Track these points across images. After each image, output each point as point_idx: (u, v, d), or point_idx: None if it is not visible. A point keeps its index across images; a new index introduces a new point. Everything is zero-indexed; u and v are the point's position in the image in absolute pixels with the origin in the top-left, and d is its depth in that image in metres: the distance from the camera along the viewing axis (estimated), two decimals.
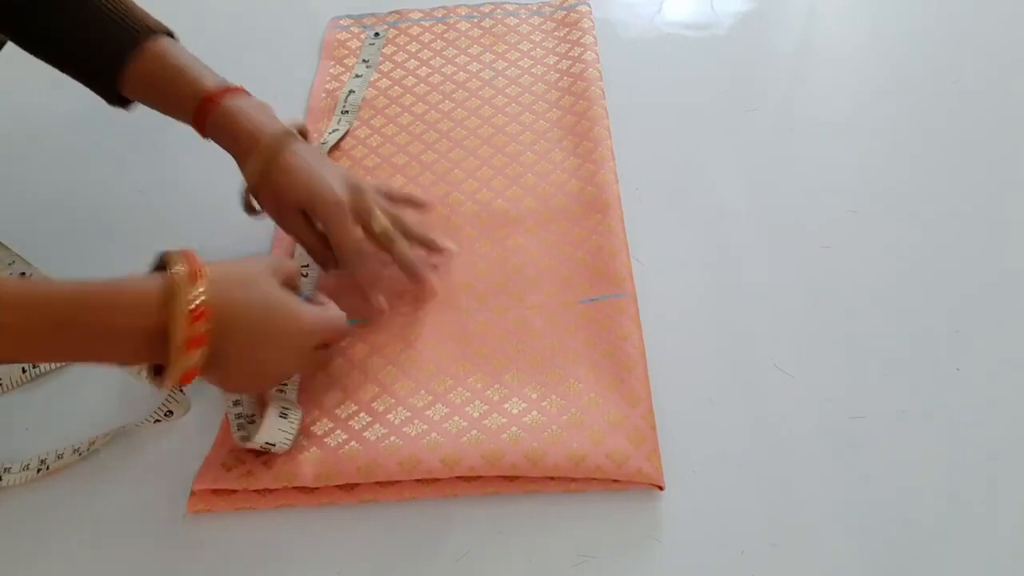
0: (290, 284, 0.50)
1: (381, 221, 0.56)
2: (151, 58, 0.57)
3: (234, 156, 0.57)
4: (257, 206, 0.59)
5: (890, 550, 0.46)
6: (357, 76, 0.76)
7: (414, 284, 0.58)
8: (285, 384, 0.52)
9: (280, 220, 0.58)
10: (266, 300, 0.47)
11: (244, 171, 0.56)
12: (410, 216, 0.60)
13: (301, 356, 0.50)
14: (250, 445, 0.49)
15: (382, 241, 0.57)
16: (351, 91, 0.74)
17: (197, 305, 0.42)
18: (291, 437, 0.50)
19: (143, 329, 0.42)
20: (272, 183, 0.55)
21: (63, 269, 0.63)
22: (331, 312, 0.51)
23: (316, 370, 0.54)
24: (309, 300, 0.51)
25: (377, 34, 0.76)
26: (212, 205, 0.68)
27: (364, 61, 0.77)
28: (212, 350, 0.43)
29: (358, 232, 0.56)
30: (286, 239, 0.64)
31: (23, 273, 0.62)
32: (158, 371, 0.45)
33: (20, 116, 0.79)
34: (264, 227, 0.65)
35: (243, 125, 0.56)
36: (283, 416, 0.50)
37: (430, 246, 0.60)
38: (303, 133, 0.59)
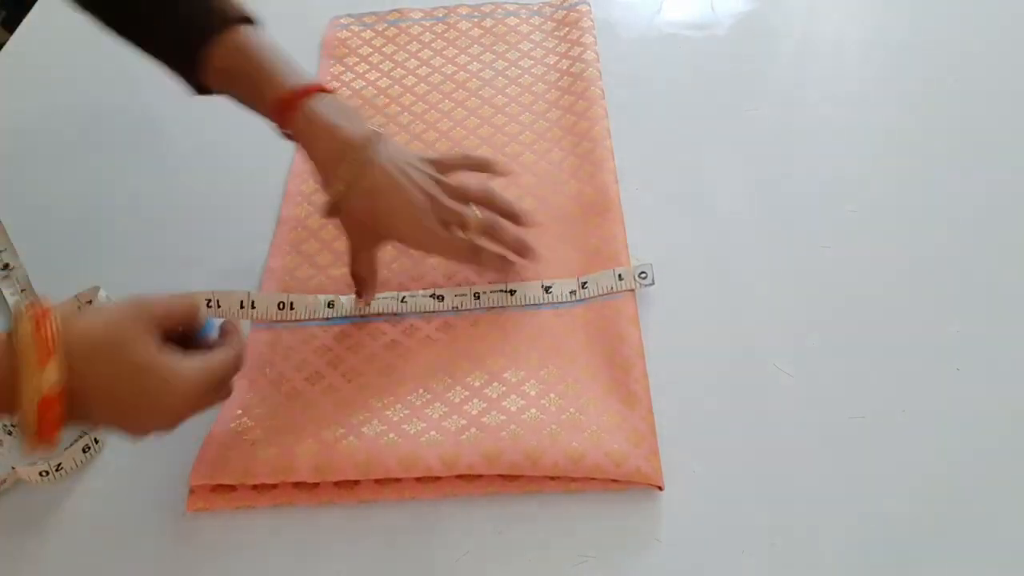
0: (173, 329, 0.45)
1: (473, 220, 0.56)
2: (234, 47, 0.54)
3: (316, 165, 0.54)
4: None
5: (890, 550, 0.46)
6: None
7: (526, 259, 0.58)
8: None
9: (356, 243, 0.56)
10: (136, 370, 0.41)
11: (325, 189, 0.54)
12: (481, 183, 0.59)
13: (184, 412, 0.44)
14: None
15: (481, 233, 0.56)
16: None
17: (46, 394, 0.38)
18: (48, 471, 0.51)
19: None
20: (356, 210, 0.54)
21: (58, 268, 0.63)
22: (218, 357, 0.45)
23: (216, 403, 0.48)
24: (206, 340, 0.47)
25: None
26: (210, 207, 0.68)
27: None
28: (78, 418, 0.40)
29: (459, 240, 0.56)
30: (284, 246, 0.64)
31: (7, 264, 0.62)
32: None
33: (20, 115, 0.79)
34: (263, 229, 0.65)
35: (320, 135, 0.53)
36: (85, 451, 0.52)
37: (516, 217, 0.59)
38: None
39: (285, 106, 0.53)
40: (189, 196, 0.69)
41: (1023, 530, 0.46)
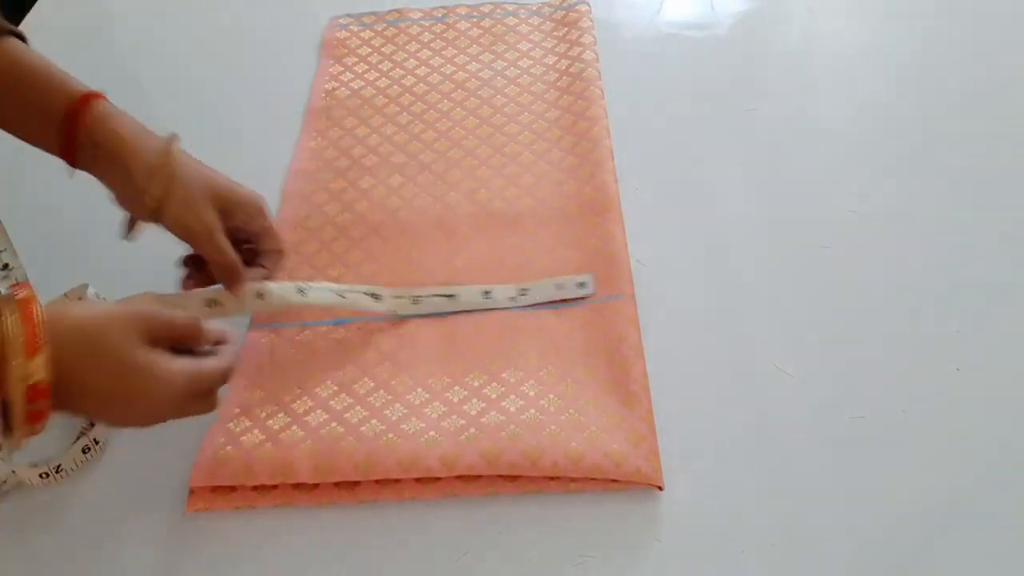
0: (169, 340, 0.44)
1: None
2: (7, 58, 0.51)
3: (121, 164, 0.51)
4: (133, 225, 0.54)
5: (890, 550, 0.46)
6: None
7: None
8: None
9: (193, 229, 0.53)
10: (119, 366, 0.41)
11: (140, 178, 0.50)
12: None
13: (166, 414, 0.45)
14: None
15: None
16: None
17: (35, 383, 0.38)
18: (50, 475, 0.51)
19: None
20: (186, 193, 0.51)
21: (58, 268, 0.63)
22: (207, 365, 0.45)
23: (198, 413, 0.47)
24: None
25: None
26: None
27: None
28: (61, 407, 0.40)
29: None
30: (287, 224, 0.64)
31: (7, 265, 0.62)
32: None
33: None
34: None
35: (134, 128, 0.51)
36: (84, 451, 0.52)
37: None
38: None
39: (78, 108, 0.51)
40: None
41: (1023, 530, 0.46)
